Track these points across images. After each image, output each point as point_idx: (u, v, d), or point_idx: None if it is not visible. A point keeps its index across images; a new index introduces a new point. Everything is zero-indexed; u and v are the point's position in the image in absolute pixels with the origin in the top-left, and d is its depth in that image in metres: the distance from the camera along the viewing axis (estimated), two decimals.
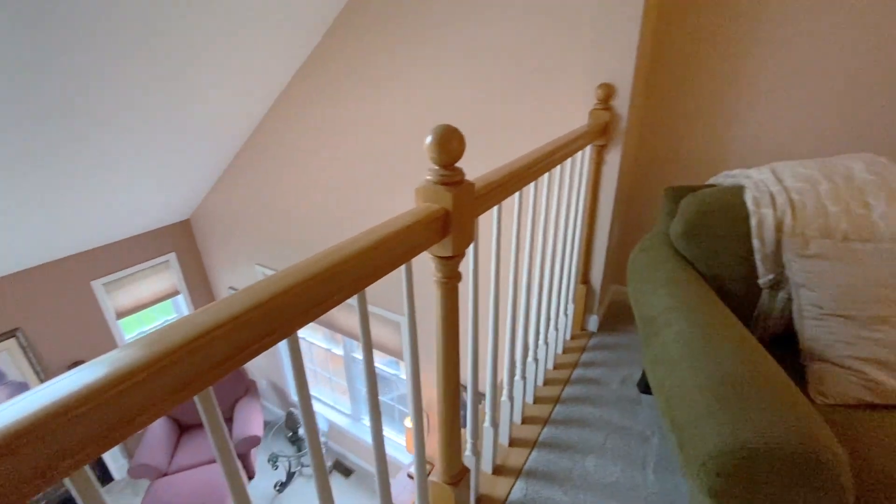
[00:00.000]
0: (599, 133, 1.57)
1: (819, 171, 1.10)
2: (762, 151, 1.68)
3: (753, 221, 1.08)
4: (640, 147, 1.94)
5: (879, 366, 0.91)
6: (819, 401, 0.93)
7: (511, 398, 1.33)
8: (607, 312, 2.09)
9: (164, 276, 4.29)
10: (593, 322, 1.95)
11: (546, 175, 1.24)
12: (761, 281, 1.09)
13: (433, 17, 2.20)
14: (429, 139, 0.66)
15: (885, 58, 1.42)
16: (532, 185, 1.14)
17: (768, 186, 1.10)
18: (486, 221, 2.40)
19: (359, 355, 4.03)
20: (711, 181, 1.32)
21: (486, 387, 1.19)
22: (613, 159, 1.64)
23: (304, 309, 0.47)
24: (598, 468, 1.29)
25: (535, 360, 1.51)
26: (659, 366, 0.90)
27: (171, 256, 4.30)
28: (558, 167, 1.31)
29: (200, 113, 2.79)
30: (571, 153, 1.36)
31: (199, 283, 4.61)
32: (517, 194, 1.05)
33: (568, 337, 1.91)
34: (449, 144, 0.66)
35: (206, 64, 2.40)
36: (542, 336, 1.56)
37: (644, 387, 1.51)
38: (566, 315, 1.80)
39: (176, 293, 4.44)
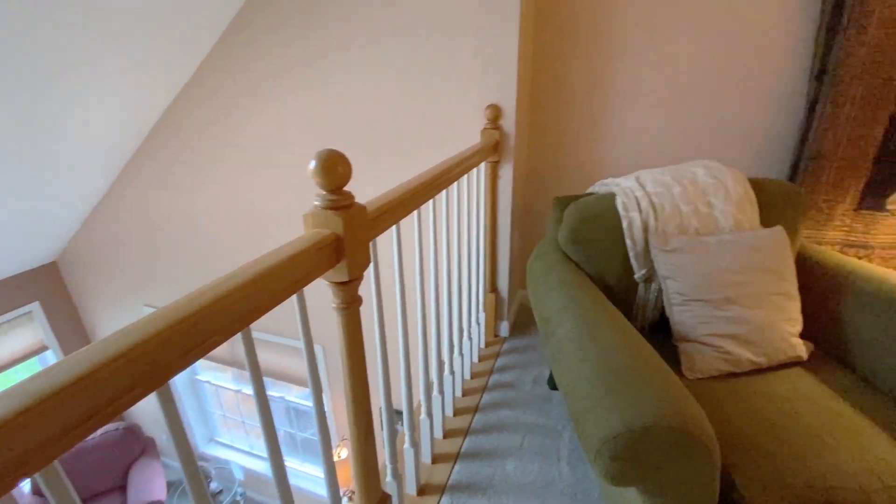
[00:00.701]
0: (492, 150, 1.67)
1: (672, 177, 1.28)
2: (630, 161, 1.90)
3: (625, 224, 1.22)
4: (530, 161, 2.09)
5: (732, 339, 1.07)
6: (690, 376, 1.07)
7: (430, 415, 1.34)
8: (517, 317, 2.20)
9: (25, 330, 3.64)
10: (504, 327, 2.04)
11: (444, 192, 1.28)
12: (637, 276, 1.23)
13: (327, 39, 2.19)
14: (312, 164, 0.65)
15: (712, 80, 1.71)
16: (431, 202, 1.17)
17: (634, 193, 1.26)
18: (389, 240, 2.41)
19: (276, 392, 3.76)
20: (590, 190, 1.47)
21: (403, 408, 1.18)
22: (507, 174, 1.75)
23: (174, 357, 0.43)
24: (517, 469, 1.34)
25: (452, 372, 1.53)
26: (557, 363, 0.96)
27: (35, 306, 3.66)
28: (455, 184, 1.37)
29: (66, 135, 2.44)
30: (467, 170, 1.42)
31: (73, 334, 3.98)
32: (416, 213, 1.07)
33: (482, 345, 1.97)
34: (334, 169, 0.66)
35: (75, 75, 2.11)
36: (456, 348, 1.59)
37: (552, 384, 1.61)
38: (478, 324, 1.86)
39: (44, 349, 3.78)
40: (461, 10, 1.94)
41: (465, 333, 1.71)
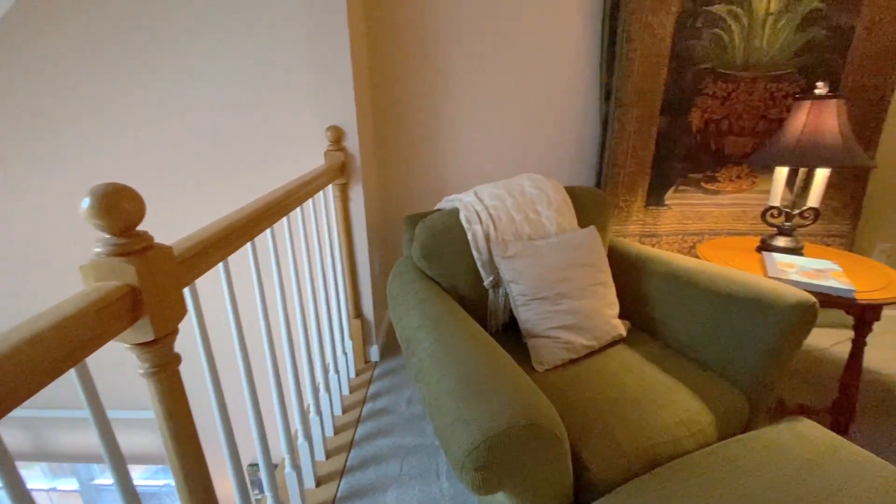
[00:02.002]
0: (338, 172, 1.63)
1: (505, 190, 1.40)
2: (471, 177, 2.05)
3: (469, 236, 1.29)
4: (382, 182, 2.10)
5: (568, 329, 1.20)
6: (539, 369, 1.17)
7: (297, 466, 1.21)
8: (387, 339, 2.17)
9: None
10: (374, 352, 1.98)
11: (285, 219, 1.19)
12: (485, 283, 1.30)
13: (145, 51, 1.88)
14: (85, 203, 0.52)
15: (531, 104, 1.94)
16: (268, 231, 1.07)
17: (474, 206, 1.34)
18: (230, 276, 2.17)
19: (106, 480, 3.04)
20: (437, 206, 1.53)
21: (260, 466, 1.04)
22: (357, 195, 1.72)
23: None
24: (399, 498, 1.29)
25: (319, 413, 1.42)
26: (420, 381, 0.96)
27: None
28: (299, 209, 1.28)
29: None
30: (311, 193, 1.35)
31: None
32: (248, 245, 0.96)
33: (353, 375, 1.88)
34: (117, 207, 0.54)
35: None
36: (322, 386, 1.48)
37: None
38: (346, 354, 1.78)
39: None
40: (291, 36, 1.87)
41: (332, 367, 1.61)
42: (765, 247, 1.61)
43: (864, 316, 1.33)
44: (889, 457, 1.41)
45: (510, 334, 1.35)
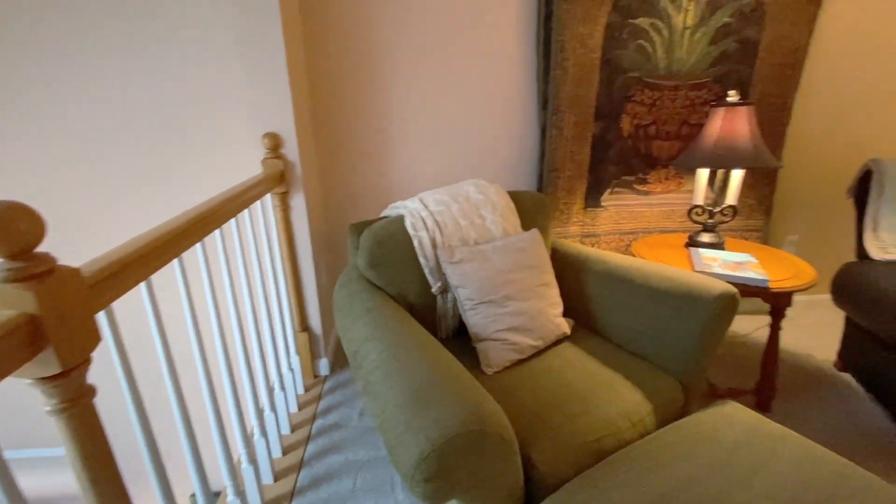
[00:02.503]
0: (277, 180, 1.56)
1: (449, 196, 1.40)
2: (416, 183, 2.04)
3: (416, 243, 1.28)
4: (326, 190, 2.04)
5: (515, 331, 1.22)
6: (488, 371, 1.18)
7: (241, 493, 1.14)
8: (337, 351, 2.10)
9: None
10: (324, 365, 1.92)
11: (217, 232, 1.13)
12: (433, 290, 1.30)
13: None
14: None
15: (473, 111, 1.97)
16: (198, 246, 1.01)
17: (420, 213, 1.33)
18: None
19: None
20: (383, 213, 1.51)
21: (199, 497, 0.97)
22: (299, 204, 1.67)
23: None
24: None
25: (264, 434, 1.35)
26: (368, 395, 0.93)
27: None
28: (233, 220, 1.22)
29: None
30: (246, 204, 1.29)
31: None
32: (175, 262, 0.90)
33: (301, 391, 1.81)
34: (10, 227, 0.48)
35: None
36: (266, 406, 1.41)
37: None
38: (292, 370, 1.70)
39: None
40: (220, 38, 1.77)
41: (278, 385, 1.54)
42: (692, 243, 1.73)
43: (777, 303, 1.46)
44: (805, 426, 1.56)
45: (460, 339, 1.36)
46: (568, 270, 1.50)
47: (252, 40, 1.47)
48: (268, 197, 1.58)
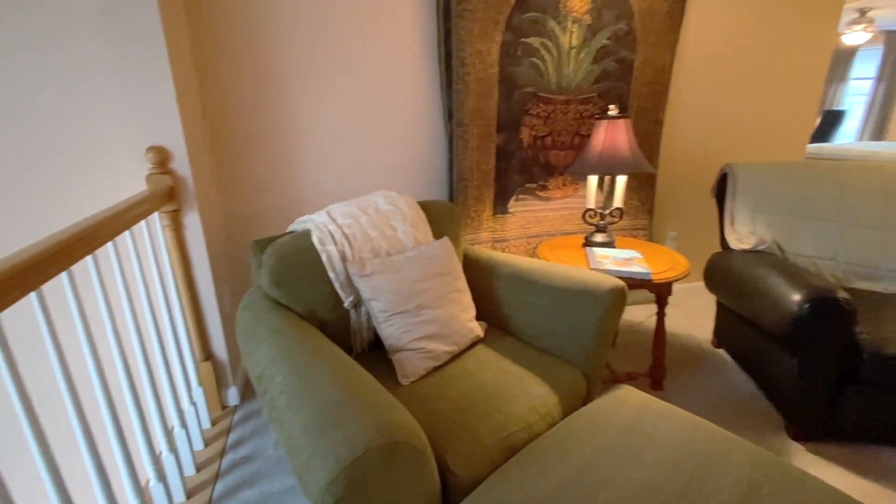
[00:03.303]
0: (166, 198, 1.43)
1: (358, 208, 1.39)
2: (326, 196, 1.99)
3: (324, 258, 1.24)
4: (227, 207, 1.91)
5: (429, 339, 1.24)
6: (405, 382, 1.18)
7: None
8: (247, 378, 1.96)
9: None
10: (233, 395, 1.78)
11: (90, 258, 1.00)
12: (346, 304, 1.27)
13: None
14: None
15: (380, 123, 1.98)
16: (63, 276, 0.89)
17: (327, 226, 1.30)
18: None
19: None
20: (289, 229, 1.45)
21: None
22: (193, 223, 1.54)
23: None
24: None
25: (161, 480, 1.21)
26: (274, 422, 0.88)
27: None
28: (110, 244, 1.09)
29: None
30: (127, 225, 1.16)
31: None
32: (33, 296, 0.78)
33: (207, 425, 1.66)
34: None
35: None
36: (165, 450, 1.27)
37: None
38: (195, 404, 1.56)
39: None
40: (91, 43, 1.59)
41: (178, 423, 1.40)
42: (587, 243, 1.90)
43: (660, 292, 1.65)
44: (692, 398, 1.76)
45: (376, 353, 1.34)
46: (479, 275, 1.55)
47: (129, 48, 1.35)
48: (155, 216, 1.44)
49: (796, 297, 1.39)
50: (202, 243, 1.57)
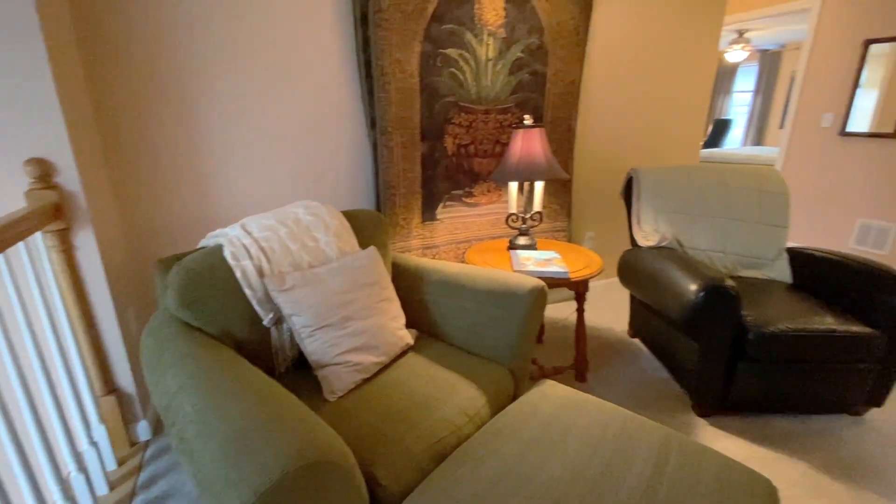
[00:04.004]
0: (51, 216, 1.28)
1: (276, 220, 1.33)
2: (244, 208, 1.89)
3: (238, 274, 1.18)
4: (128, 222, 1.74)
5: (357, 351, 1.22)
6: (332, 398, 1.15)
7: None
8: None
9: None
10: (143, 429, 1.62)
11: None
12: (265, 322, 1.21)
13: None
14: None
15: (301, 132, 1.92)
16: None
17: (242, 240, 1.23)
18: None
19: None
20: (200, 244, 1.35)
21: None
22: (87, 242, 1.39)
23: None
24: None
25: None
26: (184, 456, 0.82)
27: None
28: None
29: None
30: (2, 247, 1.02)
31: None
32: None
33: (112, 466, 1.49)
34: None
35: None
36: (59, 499, 1.12)
37: None
38: (96, 445, 1.39)
39: None
40: None
41: (74, 468, 1.24)
42: (511, 246, 1.97)
43: (578, 289, 1.75)
44: (612, 387, 1.89)
45: (302, 371, 1.29)
46: (408, 283, 1.55)
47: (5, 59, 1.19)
48: (38, 236, 1.28)
49: (692, 287, 1.55)
50: (98, 264, 1.42)
